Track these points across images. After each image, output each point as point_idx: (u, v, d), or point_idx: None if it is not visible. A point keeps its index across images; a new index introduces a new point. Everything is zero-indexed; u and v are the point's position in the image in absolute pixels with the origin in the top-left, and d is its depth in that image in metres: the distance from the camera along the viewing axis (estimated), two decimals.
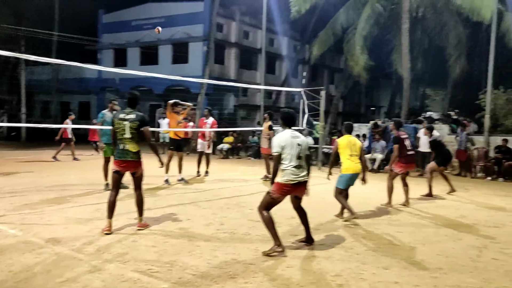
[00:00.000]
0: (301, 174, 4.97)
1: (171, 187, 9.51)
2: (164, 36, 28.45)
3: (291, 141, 4.94)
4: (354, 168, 6.56)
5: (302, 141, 5.03)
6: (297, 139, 5.00)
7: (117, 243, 5.06)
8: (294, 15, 18.11)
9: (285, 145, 4.91)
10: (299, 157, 4.96)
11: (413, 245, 5.44)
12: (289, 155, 4.91)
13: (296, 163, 4.93)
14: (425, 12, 17.23)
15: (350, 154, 6.53)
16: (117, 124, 5.61)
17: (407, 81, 17.07)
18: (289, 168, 4.93)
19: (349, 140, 6.62)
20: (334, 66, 38.45)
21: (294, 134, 5.03)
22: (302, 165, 4.99)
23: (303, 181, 5.03)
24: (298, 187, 5.05)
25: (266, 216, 4.98)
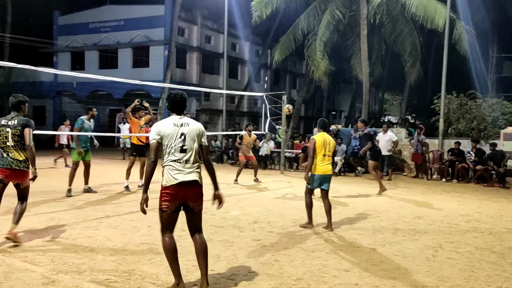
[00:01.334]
0: (186, 172, 3.85)
1: (131, 194, 9.27)
2: (123, 39, 27.89)
3: (173, 129, 3.86)
4: (325, 169, 6.29)
5: (190, 130, 3.90)
6: (182, 127, 3.88)
7: (72, 253, 4.86)
8: (255, 20, 18.20)
9: (164, 134, 3.84)
10: (183, 150, 3.88)
11: (373, 246, 5.55)
12: (170, 147, 3.84)
13: (179, 157, 3.85)
14: (382, 19, 17.76)
15: (323, 154, 6.24)
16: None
17: (366, 86, 17.52)
18: (168, 164, 3.86)
19: (324, 138, 6.29)
20: (296, 71, 38.98)
21: (179, 122, 3.91)
22: (189, 160, 3.87)
23: (191, 181, 3.87)
24: (186, 189, 3.87)
25: (165, 242, 3.91)
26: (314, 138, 6.26)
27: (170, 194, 3.83)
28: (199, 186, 3.97)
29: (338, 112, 44.93)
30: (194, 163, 3.89)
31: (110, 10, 28.69)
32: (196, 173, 3.91)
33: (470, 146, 13.01)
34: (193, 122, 3.99)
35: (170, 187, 3.81)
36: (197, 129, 3.93)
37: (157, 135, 3.84)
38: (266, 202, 8.73)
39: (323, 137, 6.28)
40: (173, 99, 3.99)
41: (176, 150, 3.83)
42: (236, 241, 5.60)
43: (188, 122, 3.94)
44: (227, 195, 9.28)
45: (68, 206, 7.64)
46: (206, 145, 4.03)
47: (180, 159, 3.83)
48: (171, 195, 3.83)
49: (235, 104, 30.92)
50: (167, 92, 21.29)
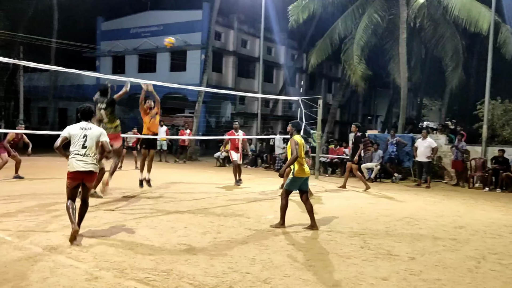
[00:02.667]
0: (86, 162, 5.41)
1: (169, 195, 9.45)
2: (162, 43, 28.54)
3: (79, 131, 5.49)
4: (307, 171, 6.49)
5: (91, 133, 5.50)
6: (86, 130, 5.51)
7: (114, 251, 5.02)
8: (292, 24, 18.20)
9: (72, 134, 5.46)
10: (84, 147, 5.41)
11: (412, 255, 5.42)
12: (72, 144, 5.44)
13: (81, 152, 5.41)
14: (422, 23, 17.34)
15: (302, 156, 6.37)
16: None
17: (404, 91, 17.15)
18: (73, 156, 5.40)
19: (301, 139, 6.46)
20: (332, 75, 38.66)
21: (84, 126, 5.55)
22: (87, 154, 5.42)
23: (87, 171, 5.39)
24: (83, 175, 5.40)
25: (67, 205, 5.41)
26: (295, 139, 6.36)
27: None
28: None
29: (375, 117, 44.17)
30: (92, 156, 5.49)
31: (150, 15, 29.50)
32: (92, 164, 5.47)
33: None
34: (95, 127, 5.62)
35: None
36: (97, 133, 5.57)
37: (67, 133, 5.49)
38: (300, 206, 8.68)
39: (301, 139, 6.46)
40: (82, 110, 5.69)
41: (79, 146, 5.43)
42: (271, 245, 5.61)
43: (91, 127, 5.58)
44: (262, 200, 9.34)
45: (108, 205, 7.88)
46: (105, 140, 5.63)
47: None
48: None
49: (269, 108, 30.98)
50: (203, 95, 21.63)
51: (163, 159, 18.59)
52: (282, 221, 6.52)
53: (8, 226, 6.01)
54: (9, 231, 5.73)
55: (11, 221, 6.32)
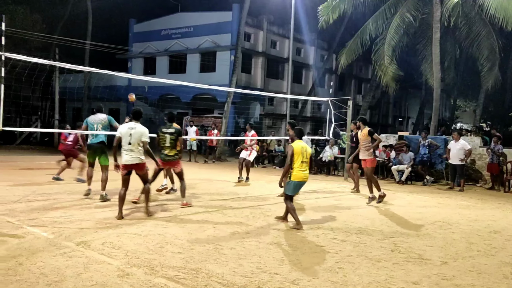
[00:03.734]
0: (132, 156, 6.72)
1: (198, 195, 9.55)
2: (192, 45, 28.94)
3: (126, 131, 6.72)
4: (304, 176, 6.56)
5: (135, 132, 6.72)
6: (132, 129, 6.73)
7: (144, 249, 5.12)
8: (322, 24, 18.06)
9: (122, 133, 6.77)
10: (130, 143, 6.67)
11: (444, 260, 5.28)
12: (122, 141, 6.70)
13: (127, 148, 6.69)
14: (456, 22, 16.86)
15: (301, 161, 6.47)
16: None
17: (437, 92, 16.73)
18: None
19: (302, 145, 6.54)
20: (362, 76, 38.17)
21: (131, 126, 6.79)
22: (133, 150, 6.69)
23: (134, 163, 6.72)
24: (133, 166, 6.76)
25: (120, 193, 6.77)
26: (292, 145, 6.55)
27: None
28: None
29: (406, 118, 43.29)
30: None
31: (181, 17, 29.96)
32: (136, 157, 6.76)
33: None
34: (139, 126, 6.85)
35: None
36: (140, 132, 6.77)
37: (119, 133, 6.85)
38: (329, 208, 8.62)
39: (301, 144, 6.54)
40: (133, 112, 7.03)
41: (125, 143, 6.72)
42: (300, 246, 5.59)
43: (135, 126, 6.81)
44: None
45: (139, 203, 8.04)
46: (145, 141, 6.79)
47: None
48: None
49: (298, 109, 30.86)
50: (232, 96, 21.76)
51: (193, 159, 18.82)
52: (297, 221, 6.57)
53: (44, 222, 6.23)
54: (45, 227, 5.94)
55: (46, 218, 6.54)
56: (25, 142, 24.64)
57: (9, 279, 3.98)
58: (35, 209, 7.11)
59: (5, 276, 4.06)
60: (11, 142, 23.93)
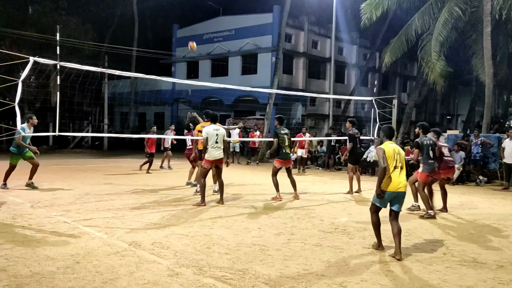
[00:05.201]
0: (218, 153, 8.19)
1: (241, 197, 9.64)
2: (234, 48, 29.25)
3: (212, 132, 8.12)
4: (397, 185, 5.18)
5: (220, 132, 8.20)
6: (217, 130, 8.17)
7: (192, 249, 5.23)
8: (364, 22, 17.74)
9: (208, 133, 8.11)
10: (217, 142, 8.10)
11: (500, 263, 5.03)
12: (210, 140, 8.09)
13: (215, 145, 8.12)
14: (508, 14, 16.04)
15: (394, 166, 5.22)
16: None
17: (489, 88, 15.97)
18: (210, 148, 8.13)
19: (393, 148, 5.32)
20: (407, 74, 37.10)
21: (216, 127, 8.22)
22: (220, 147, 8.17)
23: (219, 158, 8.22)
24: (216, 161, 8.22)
25: (202, 183, 8.24)
26: (381, 147, 5.33)
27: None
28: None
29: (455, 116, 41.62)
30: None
31: (222, 21, 30.34)
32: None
33: None
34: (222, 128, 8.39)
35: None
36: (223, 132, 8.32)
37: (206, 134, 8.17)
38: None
39: (392, 146, 5.34)
40: (212, 115, 8.62)
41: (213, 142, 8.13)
42: (346, 248, 5.52)
43: (219, 128, 8.31)
44: (335, 202, 9.21)
45: (185, 205, 8.23)
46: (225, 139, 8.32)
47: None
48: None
49: (341, 108, 30.42)
50: (274, 97, 21.78)
51: (236, 161, 19.00)
52: (378, 242, 5.47)
53: (98, 223, 6.50)
54: (99, 228, 6.20)
55: (100, 218, 6.83)
56: (78, 146, 25.84)
57: (68, 277, 4.19)
58: (89, 210, 7.44)
59: (64, 274, 4.28)
60: (65, 146, 25.18)
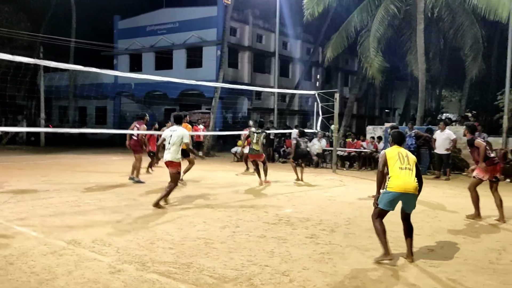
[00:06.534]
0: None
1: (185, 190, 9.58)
2: (178, 40, 28.78)
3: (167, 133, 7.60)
4: (401, 186, 4.84)
5: (175, 134, 7.51)
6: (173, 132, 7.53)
7: (135, 245, 5.14)
8: (307, 18, 18.11)
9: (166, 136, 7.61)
10: (169, 143, 7.46)
11: (431, 248, 5.39)
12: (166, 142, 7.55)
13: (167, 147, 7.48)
14: (440, 13, 17.05)
15: (400, 167, 4.93)
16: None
17: (422, 83, 16.91)
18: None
19: (399, 151, 5.06)
20: (348, 69, 38.36)
21: (173, 128, 7.63)
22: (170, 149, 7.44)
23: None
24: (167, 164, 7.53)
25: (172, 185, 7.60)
26: (385, 151, 5.16)
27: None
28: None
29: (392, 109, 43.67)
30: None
31: (166, 13, 29.73)
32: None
33: None
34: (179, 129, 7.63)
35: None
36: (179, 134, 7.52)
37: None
38: (318, 200, 8.72)
39: (397, 150, 5.09)
40: (175, 116, 8.01)
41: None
42: (289, 238, 5.66)
43: (176, 129, 7.60)
44: (279, 193, 9.39)
45: (129, 201, 8.05)
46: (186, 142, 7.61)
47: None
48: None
49: (286, 102, 30.94)
50: (219, 91, 21.72)
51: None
52: (385, 250, 4.84)
53: (34, 222, 6.20)
54: (35, 227, 5.91)
55: (36, 217, 6.51)
56: (11, 142, 24.32)
57: (0, 279, 3.98)
58: (25, 209, 7.06)
59: None
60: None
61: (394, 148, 5.17)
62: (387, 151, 5.15)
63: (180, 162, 7.64)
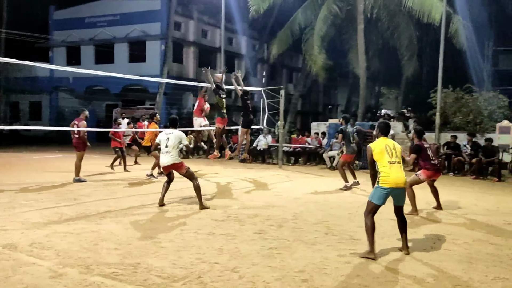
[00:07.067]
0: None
1: (130, 189, 9.32)
2: (120, 34, 27.79)
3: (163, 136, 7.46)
4: (392, 181, 4.87)
5: (171, 135, 7.34)
6: (169, 134, 7.37)
7: (78, 247, 4.93)
8: (252, 14, 18.21)
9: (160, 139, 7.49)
10: (166, 146, 7.26)
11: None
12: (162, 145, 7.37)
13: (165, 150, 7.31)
14: (379, 14, 17.81)
15: (389, 161, 4.93)
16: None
17: (363, 80, 17.60)
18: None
19: (386, 143, 5.04)
20: (293, 66, 38.97)
21: (168, 131, 7.49)
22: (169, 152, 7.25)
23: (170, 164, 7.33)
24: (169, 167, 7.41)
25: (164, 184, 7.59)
26: (369, 145, 5.14)
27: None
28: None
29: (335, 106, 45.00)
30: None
31: (106, 4, 28.56)
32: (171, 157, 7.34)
33: (466, 139, 13.13)
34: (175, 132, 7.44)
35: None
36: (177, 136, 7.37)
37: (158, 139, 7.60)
38: (265, 196, 8.81)
39: (384, 142, 5.06)
40: (170, 120, 7.92)
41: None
42: (238, 235, 5.68)
43: (172, 132, 7.43)
44: (227, 190, 9.39)
45: (70, 201, 7.69)
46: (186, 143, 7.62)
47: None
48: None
49: (232, 98, 30.90)
50: (164, 87, 21.29)
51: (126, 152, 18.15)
52: (370, 247, 4.87)
53: None
54: None
55: None
56: None
57: None
58: None
59: None
60: None
61: (381, 140, 5.11)
62: (373, 145, 5.11)
63: (183, 162, 7.46)
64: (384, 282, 4.15)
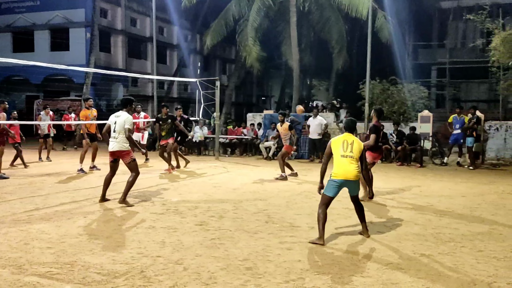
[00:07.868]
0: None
1: (58, 185, 8.82)
2: (40, 20, 25.96)
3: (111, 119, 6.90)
4: (342, 174, 5.10)
5: (118, 119, 6.83)
6: (116, 118, 6.85)
7: (6, 247, 4.58)
8: (185, 3, 17.85)
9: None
10: (114, 131, 6.78)
11: (311, 225, 5.82)
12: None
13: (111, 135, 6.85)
14: (310, 7, 18.27)
15: (342, 155, 5.13)
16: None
17: (296, 72, 18.01)
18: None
19: (345, 139, 5.23)
20: (226, 57, 38.86)
21: (117, 114, 6.95)
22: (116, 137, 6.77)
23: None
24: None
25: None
26: (331, 139, 5.38)
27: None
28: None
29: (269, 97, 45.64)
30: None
31: None
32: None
33: (392, 128, 13.96)
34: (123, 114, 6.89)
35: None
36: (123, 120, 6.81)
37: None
38: (204, 187, 8.76)
39: (344, 138, 5.26)
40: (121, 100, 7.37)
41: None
42: (179, 227, 5.60)
43: (120, 114, 6.90)
44: (164, 183, 9.20)
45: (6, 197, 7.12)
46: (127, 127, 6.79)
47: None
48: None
49: (164, 89, 30.21)
50: (91, 77, 20.28)
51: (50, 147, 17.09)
52: (320, 234, 5.02)
53: None
54: None
55: None
56: None
57: None
58: None
59: None
60: None
61: (343, 136, 5.30)
62: (333, 140, 5.31)
63: (130, 150, 6.83)
64: (323, 265, 4.31)
